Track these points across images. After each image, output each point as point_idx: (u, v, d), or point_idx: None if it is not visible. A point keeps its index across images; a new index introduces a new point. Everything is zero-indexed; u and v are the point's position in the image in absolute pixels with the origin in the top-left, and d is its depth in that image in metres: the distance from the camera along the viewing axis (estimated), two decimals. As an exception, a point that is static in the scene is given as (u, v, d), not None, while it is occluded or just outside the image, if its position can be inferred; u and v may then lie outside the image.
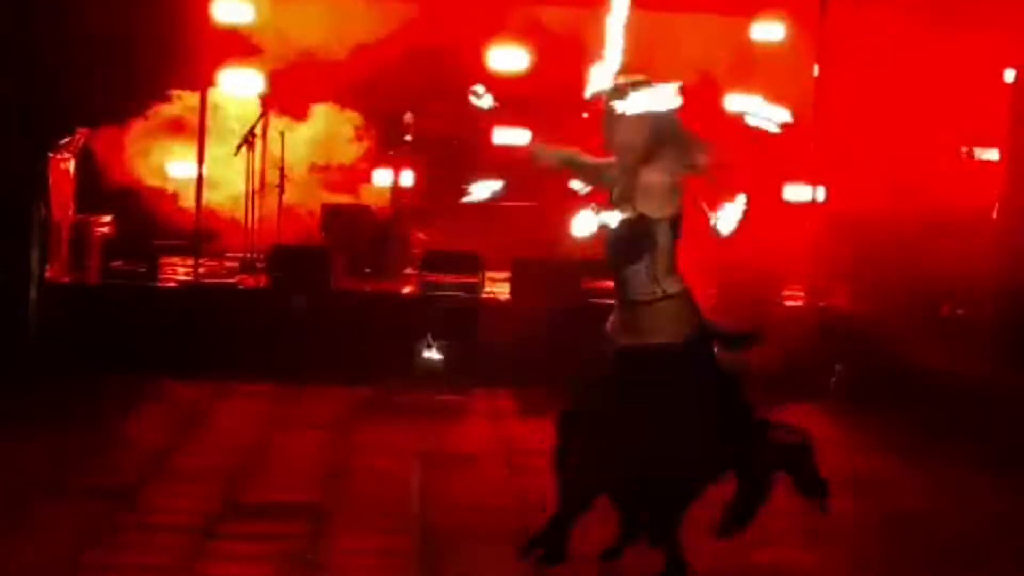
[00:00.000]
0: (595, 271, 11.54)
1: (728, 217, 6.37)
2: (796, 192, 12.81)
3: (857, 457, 9.11)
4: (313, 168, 13.49)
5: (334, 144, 13.46)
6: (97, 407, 9.70)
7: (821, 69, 12.16)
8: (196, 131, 12.12)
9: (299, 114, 13.38)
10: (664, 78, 6.28)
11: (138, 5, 12.74)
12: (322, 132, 13.50)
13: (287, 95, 13.04)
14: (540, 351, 10.93)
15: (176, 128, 13.22)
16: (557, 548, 6.24)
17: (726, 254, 11.61)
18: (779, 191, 13.01)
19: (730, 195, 6.47)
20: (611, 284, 5.85)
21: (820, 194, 12.20)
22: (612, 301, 11.38)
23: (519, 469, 8.41)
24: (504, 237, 12.18)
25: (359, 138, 13.52)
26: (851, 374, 10.85)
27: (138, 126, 13.35)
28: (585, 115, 6.43)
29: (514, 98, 12.67)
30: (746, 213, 6.43)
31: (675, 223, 6.19)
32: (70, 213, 11.99)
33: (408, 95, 13.30)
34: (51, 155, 11.63)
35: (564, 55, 12.45)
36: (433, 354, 11.00)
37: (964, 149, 12.86)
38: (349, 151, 13.54)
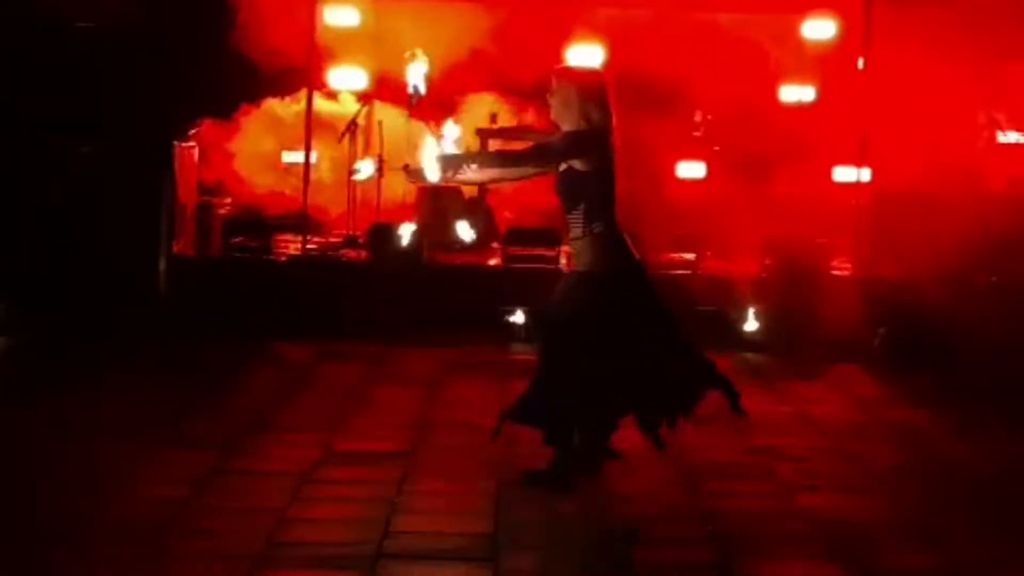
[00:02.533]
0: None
1: None
2: (844, 173, 12.57)
3: (897, 411, 8.90)
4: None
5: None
6: (217, 367, 9.69)
7: (867, 61, 11.93)
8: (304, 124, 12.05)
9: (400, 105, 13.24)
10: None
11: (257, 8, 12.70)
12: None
13: (387, 90, 12.90)
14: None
15: (285, 122, 13.19)
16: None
17: (782, 230, 11.47)
18: (829, 172, 12.78)
19: None
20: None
21: (866, 175, 11.98)
22: (683, 271, 11.31)
23: None
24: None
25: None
26: (893, 337, 10.62)
27: (253, 118, 13.30)
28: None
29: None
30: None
31: (603, 176, 6.57)
32: (194, 195, 11.97)
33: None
34: (178, 143, 11.59)
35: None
36: (516, 318, 10.87)
37: (998, 130, 12.57)
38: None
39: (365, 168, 6.95)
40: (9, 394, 8.63)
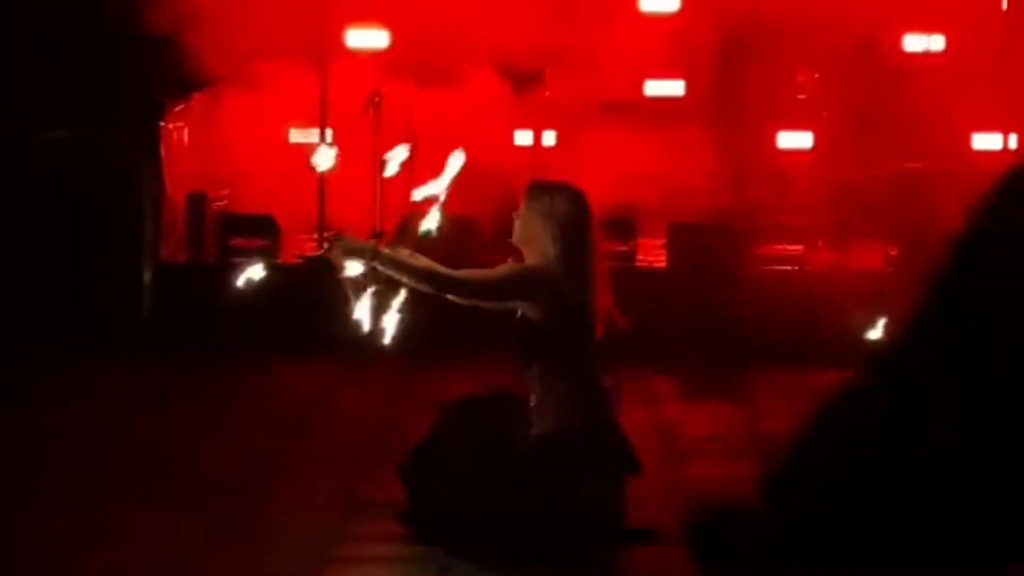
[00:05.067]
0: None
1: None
2: (985, 140, 12.31)
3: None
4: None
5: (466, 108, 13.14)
6: (213, 393, 9.62)
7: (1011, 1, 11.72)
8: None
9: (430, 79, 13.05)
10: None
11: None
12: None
13: (415, 59, 12.68)
14: (701, 324, 10.58)
15: (296, 91, 12.95)
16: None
17: (911, 212, 11.21)
18: (967, 140, 12.49)
19: None
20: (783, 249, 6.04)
21: (1013, 142, 11.76)
22: (788, 267, 11.00)
23: (677, 459, 8.09)
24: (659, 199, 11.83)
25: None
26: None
27: (257, 89, 13.09)
28: None
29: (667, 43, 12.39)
30: None
31: (561, 321, 6.45)
32: (185, 187, 11.77)
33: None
34: (164, 123, 11.42)
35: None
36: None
37: None
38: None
39: (397, 156, 6.66)
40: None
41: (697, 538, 4.43)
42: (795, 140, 12.53)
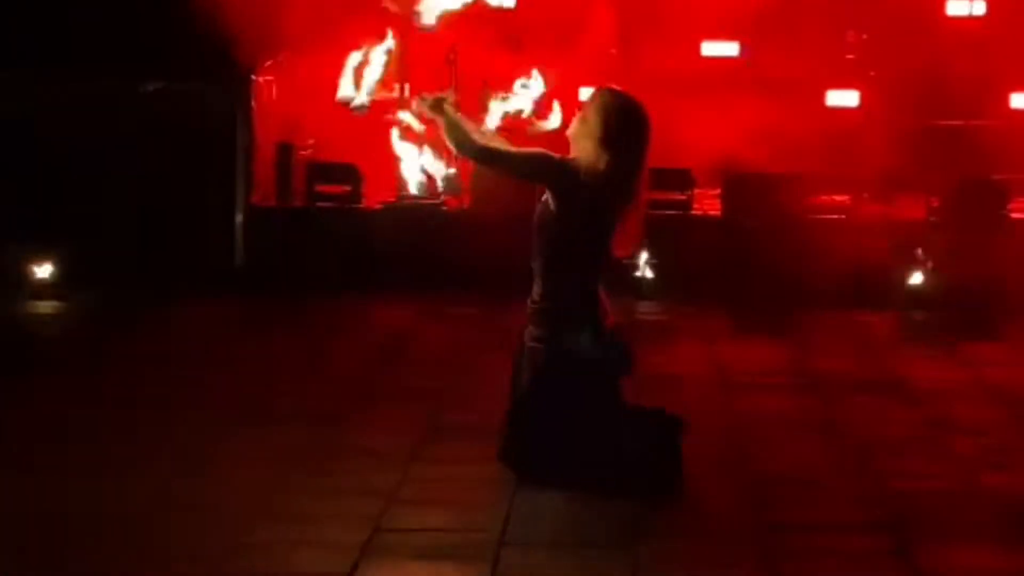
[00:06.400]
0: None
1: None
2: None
3: None
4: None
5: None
6: (303, 331, 9.75)
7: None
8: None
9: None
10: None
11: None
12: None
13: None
14: (753, 269, 10.78)
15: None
16: None
17: (951, 167, 11.29)
18: (1005, 99, 12.46)
19: None
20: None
21: None
22: (835, 216, 11.04)
23: (733, 391, 8.27)
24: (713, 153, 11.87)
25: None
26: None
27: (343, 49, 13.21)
28: None
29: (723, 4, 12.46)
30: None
31: (575, 226, 6.43)
32: (274, 137, 11.93)
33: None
34: (255, 78, 11.62)
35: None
36: (644, 272, 10.80)
37: None
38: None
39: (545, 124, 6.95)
40: (69, 363, 8.73)
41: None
42: (842, 98, 12.55)
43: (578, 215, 6.33)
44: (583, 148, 6.40)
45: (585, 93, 12.89)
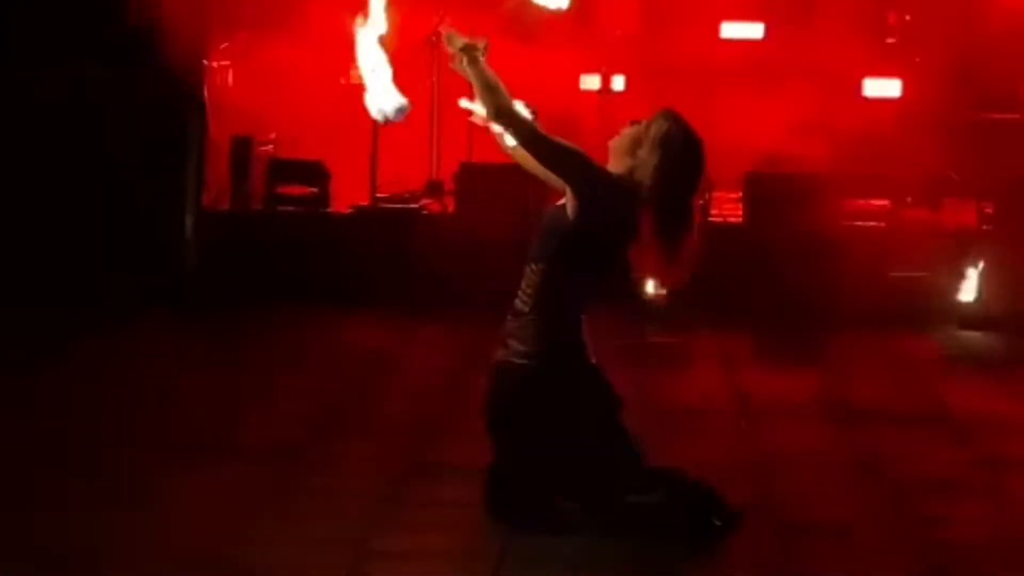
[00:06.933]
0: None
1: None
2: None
3: None
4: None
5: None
6: (261, 353, 9.79)
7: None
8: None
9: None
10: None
11: None
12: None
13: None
14: (778, 284, 10.81)
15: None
16: None
17: (1007, 167, 11.33)
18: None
19: None
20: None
21: None
22: (874, 223, 11.07)
23: (757, 424, 8.31)
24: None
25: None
26: None
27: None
28: None
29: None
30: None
31: (592, 244, 6.45)
32: (229, 130, 11.96)
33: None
34: (208, 63, 11.65)
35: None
36: (655, 288, 10.80)
37: None
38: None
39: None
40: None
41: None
42: (882, 88, 12.59)
43: (599, 228, 6.41)
44: (623, 164, 6.50)
45: (587, 80, 13.22)
